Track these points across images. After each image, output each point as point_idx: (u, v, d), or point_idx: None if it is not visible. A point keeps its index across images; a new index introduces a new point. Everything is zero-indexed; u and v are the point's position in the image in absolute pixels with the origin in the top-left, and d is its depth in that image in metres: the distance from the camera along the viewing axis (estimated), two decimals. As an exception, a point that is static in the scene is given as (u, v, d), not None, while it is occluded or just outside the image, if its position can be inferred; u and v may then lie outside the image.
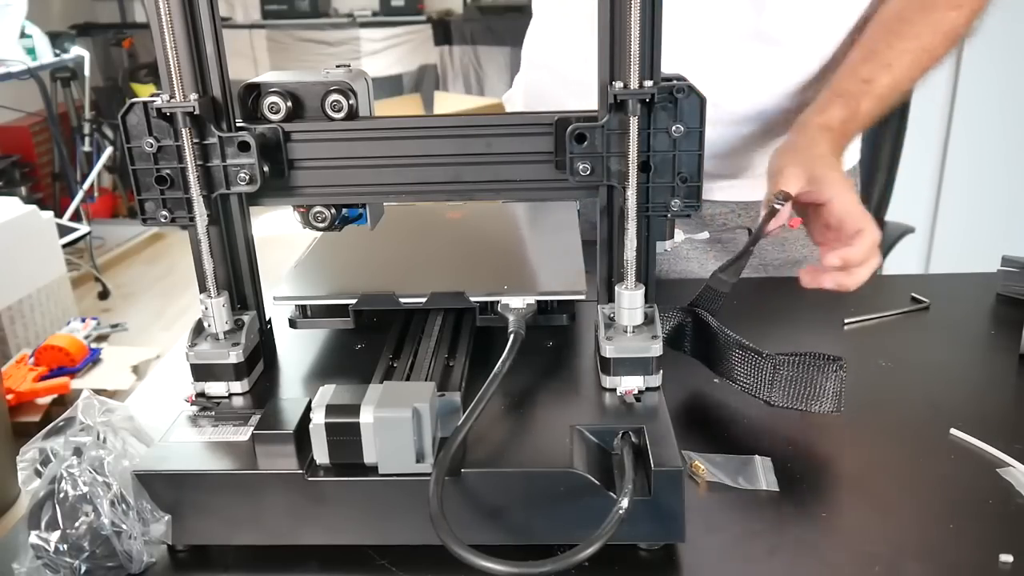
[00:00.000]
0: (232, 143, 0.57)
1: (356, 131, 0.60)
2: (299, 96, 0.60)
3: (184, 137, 0.56)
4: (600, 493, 0.51)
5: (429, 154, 0.61)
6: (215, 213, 0.60)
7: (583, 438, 0.54)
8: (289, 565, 0.53)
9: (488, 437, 0.54)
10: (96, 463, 0.51)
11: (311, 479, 0.51)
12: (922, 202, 2.33)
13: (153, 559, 0.53)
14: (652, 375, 0.58)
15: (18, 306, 2.44)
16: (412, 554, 0.53)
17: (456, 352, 0.63)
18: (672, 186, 0.58)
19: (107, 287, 3.22)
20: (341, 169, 0.62)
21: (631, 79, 0.54)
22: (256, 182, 0.58)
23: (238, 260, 0.63)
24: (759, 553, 0.53)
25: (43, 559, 0.50)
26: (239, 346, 0.60)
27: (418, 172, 0.62)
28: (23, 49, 3.13)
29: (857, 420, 0.66)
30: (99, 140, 3.77)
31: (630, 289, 0.58)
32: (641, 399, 0.58)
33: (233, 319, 0.61)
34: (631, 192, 0.56)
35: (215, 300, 0.59)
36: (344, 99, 0.59)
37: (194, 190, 0.57)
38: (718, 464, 0.61)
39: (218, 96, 0.57)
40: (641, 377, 0.58)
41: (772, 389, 0.63)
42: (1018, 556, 0.51)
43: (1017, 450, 0.62)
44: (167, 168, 0.58)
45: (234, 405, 0.60)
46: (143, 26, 4.21)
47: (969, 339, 0.82)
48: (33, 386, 2.13)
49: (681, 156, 0.57)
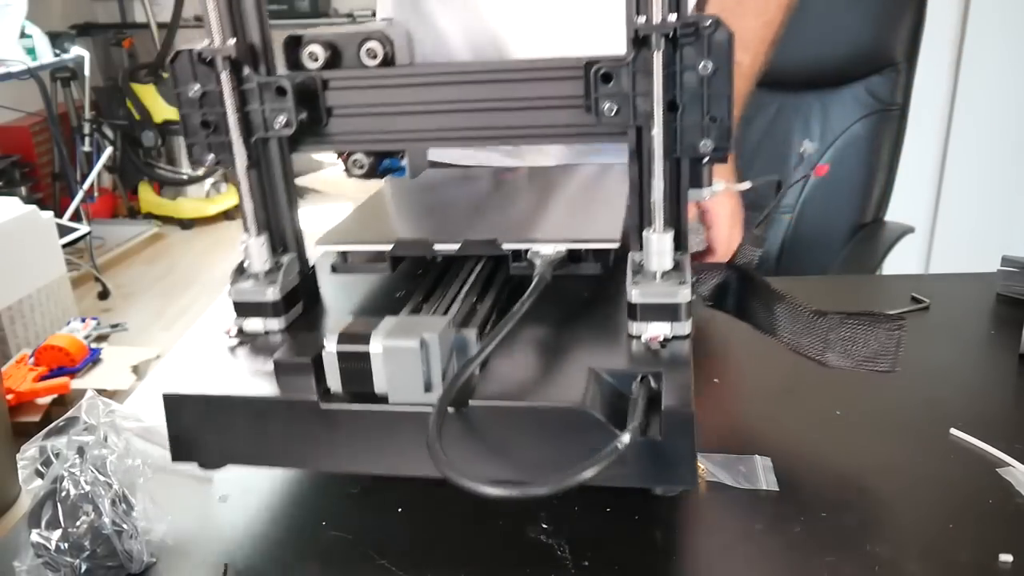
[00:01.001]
0: (270, 88, 0.59)
1: (390, 78, 0.61)
2: (337, 45, 0.61)
3: (223, 81, 0.58)
4: (610, 434, 0.49)
5: (462, 99, 0.61)
6: (256, 157, 0.62)
7: (600, 380, 0.53)
8: (289, 563, 0.53)
9: (502, 374, 0.54)
10: (98, 462, 0.51)
11: (324, 407, 0.52)
12: (922, 202, 2.33)
13: (154, 559, 0.53)
14: (680, 322, 0.57)
15: (18, 306, 2.44)
16: (412, 554, 0.53)
17: (484, 298, 0.63)
18: (702, 126, 0.56)
19: (107, 287, 3.22)
20: (376, 116, 0.62)
21: (653, 12, 0.52)
22: (292, 126, 0.59)
23: (277, 203, 0.64)
24: (759, 553, 0.53)
25: (44, 558, 0.50)
26: (275, 285, 0.61)
27: (452, 118, 0.61)
28: (23, 49, 3.12)
29: (857, 420, 0.66)
30: (99, 140, 3.77)
31: (658, 232, 0.56)
32: (667, 346, 0.56)
33: (273, 260, 0.63)
34: (656, 131, 0.55)
35: (254, 240, 0.62)
36: (380, 46, 0.61)
37: (233, 133, 0.59)
38: (718, 464, 0.61)
39: (257, 42, 0.59)
40: (668, 324, 0.56)
41: (826, 349, 0.61)
42: (1018, 556, 0.51)
43: (1017, 450, 0.62)
44: (211, 113, 0.60)
45: (269, 341, 0.61)
46: (143, 26, 4.21)
47: (969, 339, 0.82)
48: (33, 386, 2.13)
49: (710, 95, 0.55)
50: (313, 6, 4.24)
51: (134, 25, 4.33)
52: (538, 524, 0.55)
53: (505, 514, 0.56)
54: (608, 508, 0.57)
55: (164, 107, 3.90)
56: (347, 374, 0.52)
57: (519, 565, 0.52)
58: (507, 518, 0.56)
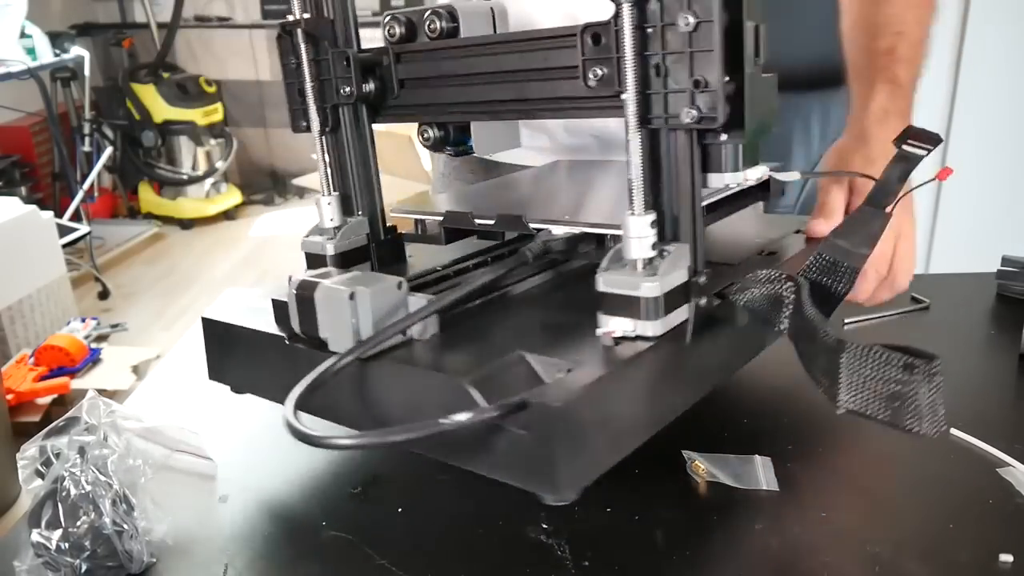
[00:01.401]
0: (340, 59, 0.63)
1: (442, 51, 0.62)
2: (412, 21, 0.63)
3: (301, 52, 0.63)
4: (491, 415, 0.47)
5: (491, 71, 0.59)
6: (333, 122, 0.66)
7: (524, 367, 0.50)
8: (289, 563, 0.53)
9: (435, 342, 0.55)
10: (99, 462, 0.51)
11: (288, 344, 0.57)
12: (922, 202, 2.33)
13: (154, 559, 0.53)
14: (644, 320, 0.51)
15: (18, 306, 2.44)
16: (412, 554, 0.53)
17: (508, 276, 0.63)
18: (688, 92, 0.49)
19: (107, 287, 3.22)
20: (434, 88, 0.63)
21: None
22: (353, 96, 0.63)
23: (347, 168, 0.68)
24: (759, 553, 0.53)
25: (44, 557, 0.50)
26: (332, 241, 0.66)
27: (487, 90, 0.60)
28: (23, 49, 3.12)
29: (857, 420, 0.66)
30: (99, 140, 3.77)
31: (636, 215, 0.51)
32: (619, 344, 0.51)
33: (342, 220, 0.67)
34: (627, 96, 0.49)
35: (324, 199, 0.67)
36: (438, 20, 0.61)
37: (309, 99, 0.64)
38: (718, 464, 0.61)
39: (337, 17, 0.63)
40: (632, 321, 0.51)
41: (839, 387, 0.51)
42: (1018, 556, 0.51)
43: (1017, 450, 0.62)
44: (298, 83, 0.65)
45: None
46: (143, 26, 4.21)
47: (969, 339, 0.82)
48: (33, 386, 2.13)
49: (696, 56, 0.48)
50: (313, 6, 4.24)
51: (134, 25, 4.33)
52: (538, 524, 0.55)
53: (505, 514, 0.56)
54: (608, 508, 0.57)
55: (164, 107, 3.91)
56: (302, 317, 0.55)
57: (519, 565, 0.52)
58: (507, 518, 0.56)
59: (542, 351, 0.51)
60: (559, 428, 0.45)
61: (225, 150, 4.13)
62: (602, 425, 0.48)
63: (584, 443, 0.47)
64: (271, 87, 4.33)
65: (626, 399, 0.51)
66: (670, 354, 0.52)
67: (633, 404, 0.51)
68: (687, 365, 0.54)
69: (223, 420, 0.70)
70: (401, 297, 0.55)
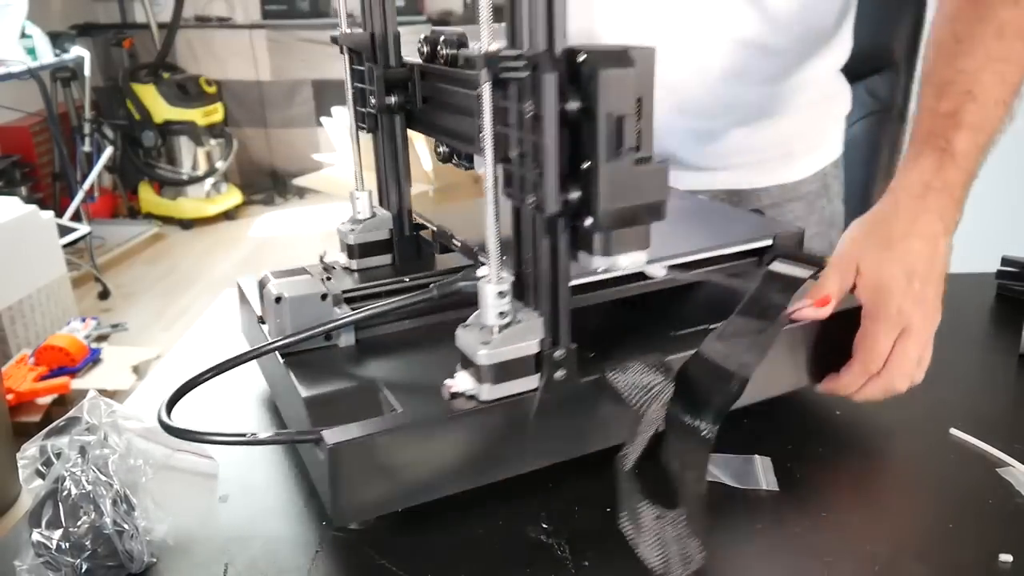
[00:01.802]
0: (370, 72, 0.69)
1: (436, 76, 0.65)
2: (434, 43, 0.65)
3: (344, 62, 0.72)
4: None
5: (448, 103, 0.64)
6: (372, 125, 0.72)
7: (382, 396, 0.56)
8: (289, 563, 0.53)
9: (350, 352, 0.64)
10: (100, 462, 0.51)
11: (257, 325, 0.68)
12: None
13: (154, 559, 0.53)
14: (481, 384, 0.52)
15: (18, 306, 2.44)
16: (412, 554, 0.53)
17: None
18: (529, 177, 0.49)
19: (107, 287, 3.22)
20: (437, 110, 0.67)
21: (483, 37, 0.47)
22: (374, 106, 0.69)
23: (381, 168, 0.74)
24: (759, 553, 0.53)
25: (44, 557, 0.50)
26: (354, 233, 0.73)
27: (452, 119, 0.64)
28: (23, 49, 3.12)
29: (857, 420, 0.66)
30: (99, 140, 3.77)
31: (489, 282, 0.51)
32: (455, 399, 0.53)
33: (371, 213, 0.75)
34: (487, 167, 0.50)
35: (356, 192, 0.74)
36: (446, 46, 0.62)
37: (348, 104, 0.73)
38: (718, 464, 0.61)
39: (378, 33, 0.69)
40: (472, 381, 0.53)
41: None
42: (1018, 556, 0.51)
43: (1017, 450, 0.62)
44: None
45: (335, 272, 0.71)
46: (143, 26, 4.21)
47: (969, 339, 0.82)
48: (33, 386, 2.13)
49: (536, 143, 0.48)
50: (313, 6, 4.24)
51: (134, 25, 4.33)
52: (538, 524, 0.55)
53: (505, 514, 0.56)
54: (608, 508, 0.57)
55: (164, 107, 3.91)
56: (262, 304, 0.66)
57: (519, 565, 0.52)
58: (507, 518, 0.56)
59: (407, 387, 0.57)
60: (336, 463, 0.50)
61: (225, 150, 4.13)
62: (387, 469, 0.51)
63: (364, 481, 0.51)
64: (271, 87, 4.34)
65: (430, 451, 0.53)
66: (499, 419, 0.53)
67: (438, 457, 0.53)
68: (520, 433, 0.54)
69: (223, 420, 0.70)
70: (325, 308, 0.63)
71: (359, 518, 0.52)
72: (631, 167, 0.47)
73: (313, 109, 4.31)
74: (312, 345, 0.63)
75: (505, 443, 0.54)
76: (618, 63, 0.46)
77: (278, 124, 4.39)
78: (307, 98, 4.34)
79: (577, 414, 0.56)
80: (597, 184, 0.47)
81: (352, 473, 0.50)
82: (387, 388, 0.57)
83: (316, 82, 4.29)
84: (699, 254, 0.69)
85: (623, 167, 0.47)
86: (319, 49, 4.20)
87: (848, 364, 0.62)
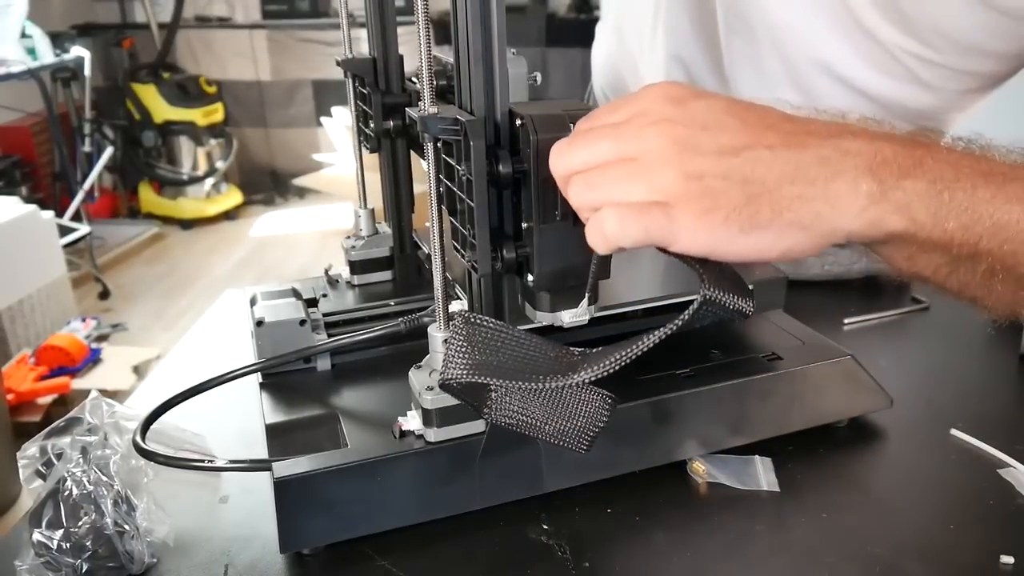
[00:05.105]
0: (369, 95, 0.69)
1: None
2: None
3: (348, 84, 0.73)
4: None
5: None
6: (375, 147, 0.73)
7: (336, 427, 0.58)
8: (289, 563, 0.53)
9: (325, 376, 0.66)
10: (101, 463, 0.51)
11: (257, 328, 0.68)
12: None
13: (155, 559, 0.53)
14: (430, 428, 0.53)
15: (18, 306, 2.45)
16: (412, 554, 0.53)
17: None
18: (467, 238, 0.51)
19: (107, 287, 3.22)
20: None
21: (425, 99, 0.48)
22: (369, 127, 0.70)
23: (386, 187, 0.75)
24: (759, 553, 0.53)
25: (45, 557, 0.50)
26: (354, 250, 0.75)
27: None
28: (23, 49, 3.12)
29: (857, 420, 0.66)
30: (99, 140, 3.77)
31: (439, 330, 0.53)
32: (403, 437, 0.54)
33: (373, 230, 0.77)
34: (430, 223, 0.51)
35: (359, 210, 0.77)
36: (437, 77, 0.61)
37: (352, 124, 0.75)
38: (718, 464, 0.61)
39: (379, 58, 0.69)
40: (420, 422, 0.54)
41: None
42: (1019, 557, 0.51)
43: (1017, 450, 0.62)
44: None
45: (338, 286, 0.74)
46: (143, 26, 4.21)
47: (969, 339, 0.82)
48: (33, 386, 2.13)
49: (470, 208, 0.49)
50: (313, 6, 4.24)
51: (134, 25, 4.33)
52: (538, 524, 0.55)
53: (505, 514, 0.56)
54: (608, 508, 0.57)
55: (164, 107, 3.91)
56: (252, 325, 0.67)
57: (519, 565, 0.52)
58: (507, 518, 0.56)
59: (366, 418, 0.59)
60: (283, 495, 0.52)
61: (225, 150, 4.13)
62: (333, 503, 0.53)
63: (311, 513, 0.52)
64: (271, 87, 4.33)
65: (375, 487, 0.53)
66: (443, 460, 0.54)
67: (383, 493, 0.54)
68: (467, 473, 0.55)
69: (224, 420, 0.70)
70: (304, 333, 0.64)
71: (307, 546, 0.53)
72: (569, 229, 0.48)
73: (313, 109, 4.31)
74: (291, 368, 0.66)
75: (450, 483, 0.55)
76: (555, 128, 0.46)
77: (278, 124, 4.39)
78: (307, 98, 4.33)
79: (525, 456, 0.56)
80: (534, 246, 0.49)
81: (299, 505, 0.52)
82: (346, 419, 0.59)
83: (316, 82, 4.29)
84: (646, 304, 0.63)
85: (559, 230, 0.48)
86: (319, 49, 4.20)
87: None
